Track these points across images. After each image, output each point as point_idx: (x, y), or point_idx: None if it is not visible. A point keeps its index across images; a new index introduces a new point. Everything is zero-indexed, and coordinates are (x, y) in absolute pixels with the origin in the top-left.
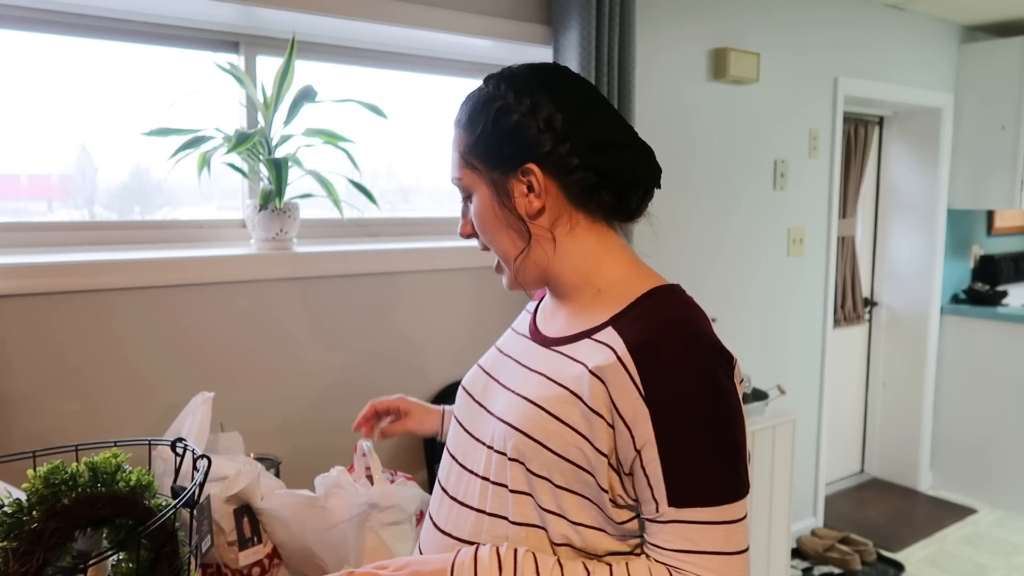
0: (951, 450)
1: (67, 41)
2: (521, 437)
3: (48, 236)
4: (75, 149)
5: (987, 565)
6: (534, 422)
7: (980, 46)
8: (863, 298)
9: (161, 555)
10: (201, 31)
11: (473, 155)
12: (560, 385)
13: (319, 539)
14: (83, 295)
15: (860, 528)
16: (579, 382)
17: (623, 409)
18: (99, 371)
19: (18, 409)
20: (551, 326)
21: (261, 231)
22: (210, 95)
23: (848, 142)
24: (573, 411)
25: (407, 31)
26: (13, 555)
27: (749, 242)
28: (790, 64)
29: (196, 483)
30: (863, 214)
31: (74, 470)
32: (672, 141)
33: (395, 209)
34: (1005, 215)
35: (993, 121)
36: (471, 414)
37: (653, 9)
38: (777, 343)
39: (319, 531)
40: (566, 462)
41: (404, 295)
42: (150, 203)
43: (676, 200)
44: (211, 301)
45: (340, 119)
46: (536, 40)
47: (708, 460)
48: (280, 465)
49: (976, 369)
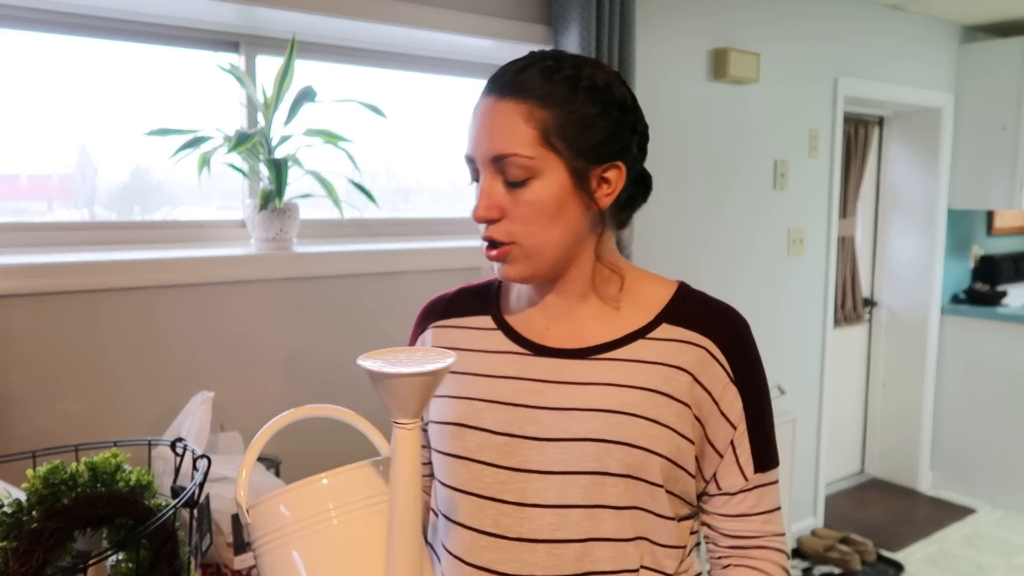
0: (951, 450)
1: (67, 41)
2: (626, 449)
3: (48, 236)
4: (75, 149)
5: (987, 565)
6: (633, 431)
7: (980, 46)
8: (863, 298)
9: (161, 555)
10: (201, 31)
11: (559, 136)
12: (640, 388)
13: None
14: (83, 295)
15: (860, 528)
16: (661, 380)
17: (717, 396)
18: (99, 371)
19: (18, 409)
20: (559, 337)
21: (261, 231)
22: (210, 95)
23: (848, 142)
24: (666, 411)
25: (407, 31)
26: (13, 555)
27: (749, 242)
28: (790, 64)
29: (196, 483)
30: (863, 214)
31: (74, 470)
32: (672, 141)
33: (395, 209)
34: (1005, 215)
35: (993, 121)
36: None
37: (653, 9)
38: (777, 343)
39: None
40: (671, 463)
41: (404, 295)
42: (150, 203)
43: (676, 200)
44: (211, 301)
45: (340, 119)
46: (536, 40)
47: (772, 428)
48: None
49: (976, 369)
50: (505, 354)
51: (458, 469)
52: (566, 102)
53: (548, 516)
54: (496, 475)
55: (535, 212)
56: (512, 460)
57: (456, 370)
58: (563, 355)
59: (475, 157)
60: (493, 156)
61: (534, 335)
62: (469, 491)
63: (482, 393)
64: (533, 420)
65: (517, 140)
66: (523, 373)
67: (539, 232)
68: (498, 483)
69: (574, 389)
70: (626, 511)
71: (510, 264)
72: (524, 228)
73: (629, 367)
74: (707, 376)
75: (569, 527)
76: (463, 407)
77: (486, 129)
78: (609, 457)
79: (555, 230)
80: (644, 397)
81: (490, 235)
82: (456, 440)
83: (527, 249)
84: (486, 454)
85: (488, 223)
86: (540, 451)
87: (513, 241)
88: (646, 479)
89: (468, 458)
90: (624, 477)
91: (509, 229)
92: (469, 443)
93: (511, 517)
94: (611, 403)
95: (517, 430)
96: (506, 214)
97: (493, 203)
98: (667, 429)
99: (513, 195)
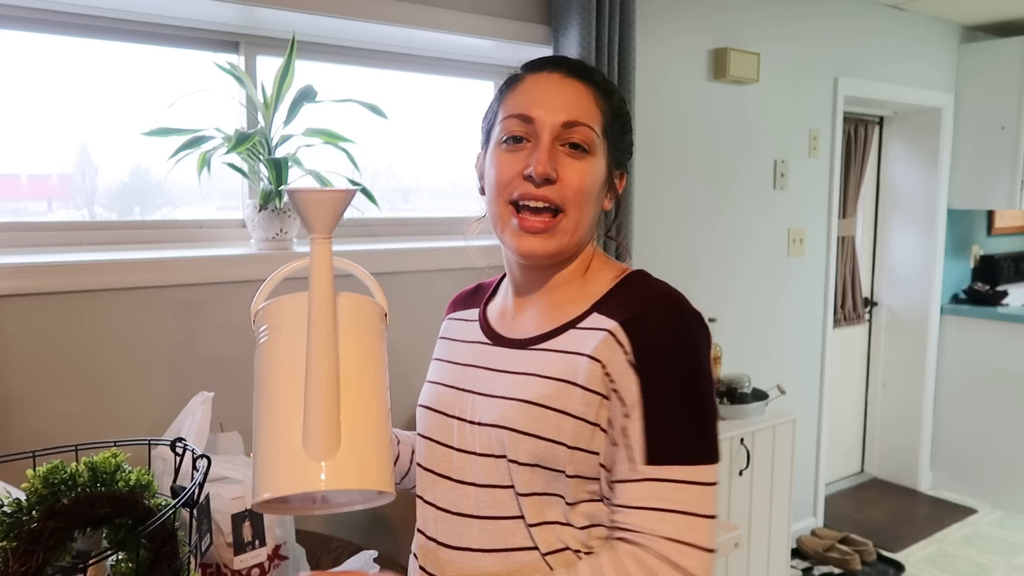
0: (951, 450)
1: (67, 41)
2: (531, 440)
3: (48, 236)
4: (75, 149)
5: (987, 565)
6: (540, 422)
7: (980, 46)
8: (863, 298)
9: (161, 555)
10: (201, 31)
11: (608, 129)
12: (555, 379)
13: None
14: (83, 295)
15: (860, 528)
16: (574, 370)
17: (616, 379)
18: (99, 371)
19: (18, 409)
20: (517, 328)
21: (261, 231)
22: (210, 95)
23: (848, 142)
24: (574, 400)
25: (407, 31)
26: (13, 555)
27: (749, 242)
28: (790, 64)
29: (196, 483)
30: (863, 214)
31: (73, 470)
32: (672, 141)
33: (395, 209)
34: (1005, 215)
35: (993, 121)
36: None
37: (653, 9)
38: (777, 343)
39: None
40: (579, 451)
41: (404, 295)
42: (150, 203)
43: (676, 200)
44: (211, 301)
45: (340, 119)
46: (536, 40)
47: (686, 421)
48: None
49: (976, 369)
50: (473, 344)
51: (421, 447)
52: (618, 105)
53: (479, 494)
54: (444, 454)
55: (588, 184)
56: (452, 440)
57: (439, 357)
58: (510, 345)
59: (539, 118)
60: (566, 121)
61: (501, 326)
62: (425, 467)
63: (444, 378)
64: (469, 404)
65: (588, 115)
66: (478, 361)
67: (584, 205)
68: (445, 461)
69: (505, 377)
70: (537, 497)
71: (552, 236)
72: (574, 197)
73: (552, 357)
74: (612, 361)
75: (495, 505)
76: (430, 390)
77: (561, 97)
78: (518, 446)
79: (590, 210)
80: (557, 388)
81: (544, 194)
82: (421, 420)
83: (571, 221)
84: (436, 433)
85: (546, 182)
86: (471, 433)
87: (562, 208)
88: (553, 467)
89: (426, 437)
90: (531, 466)
91: (563, 193)
92: (429, 423)
93: (453, 492)
94: (527, 393)
95: (457, 412)
96: (559, 180)
97: (554, 166)
98: (575, 419)
99: (569, 164)
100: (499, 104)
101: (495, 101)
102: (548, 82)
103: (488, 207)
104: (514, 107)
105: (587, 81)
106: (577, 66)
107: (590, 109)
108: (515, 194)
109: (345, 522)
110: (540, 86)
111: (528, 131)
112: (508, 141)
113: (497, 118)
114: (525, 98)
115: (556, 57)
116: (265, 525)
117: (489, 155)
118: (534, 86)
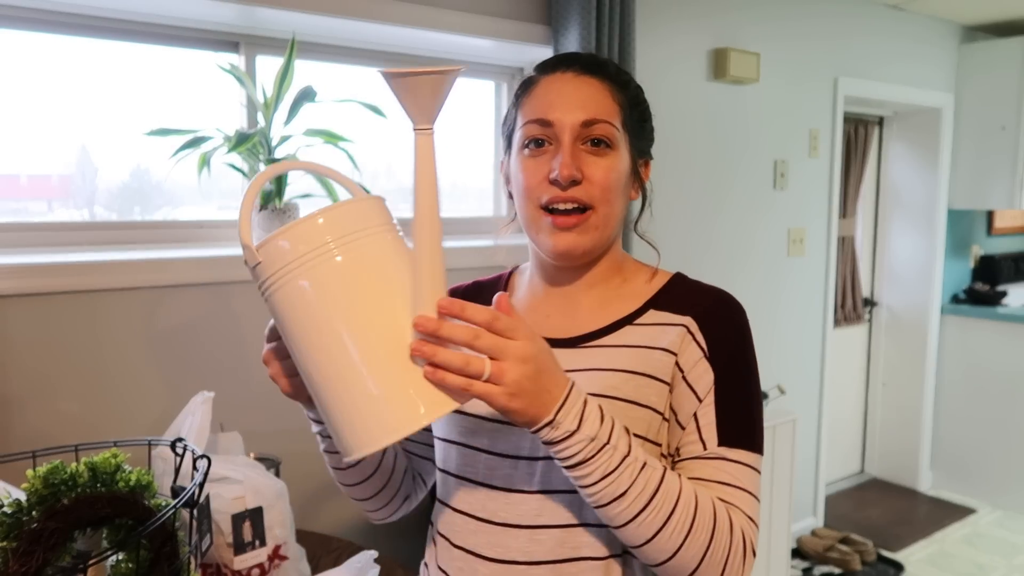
0: (951, 450)
1: (67, 41)
2: None
3: (48, 236)
4: (75, 149)
5: (987, 565)
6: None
7: (980, 46)
8: (863, 298)
9: (161, 555)
10: (201, 31)
11: (628, 120)
12: (622, 372)
13: None
14: (83, 295)
15: (860, 528)
16: (646, 362)
17: (688, 370)
18: (99, 371)
19: (18, 409)
20: (557, 327)
21: (261, 231)
22: (210, 95)
23: (848, 142)
24: (646, 391)
25: (407, 31)
26: (13, 555)
27: (749, 242)
28: (790, 64)
29: (196, 483)
30: (863, 214)
31: (74, 470)
32: (672, 141)
33: (395, 210)
34: (1005, 215)
35: (993, 121)
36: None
37: (653, 9)
38: (777, 343)
39: None
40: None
41: None
42: (150, 203)
43: (676, 200)
44: (211, 301)
45: (340, 119)
46: (536, 40)
47: (749, 411)
48: (280, 465)
49: (976, 369)
50: None
51: (452, 454)
52: (634, 94)
53: (531, 502)
54: (487, 461)
55: (614, 179)
56: (501, 446)
57: None
58: (556, 344)
59: (557, 120)
60: (584, 120)
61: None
62: (461, 475)
63: None
64: None
65: (606, 111)
66: None
67: (612, 200)
68: (487, 468)
69: None
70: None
71: (583, 233)
72: (602, 194)
73: (614, 352)
74: (685, 354)
75: (551, 513)
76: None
77: (576, 96)
78: None
79: (619, 204)
80: (625, 379)
81: (572, 195)
82: (450, 426)
83: (601, 217)
84: (477, 440)
85: (572, 184)
86: (519, 437)
87: (592, 206)
88: None
89: (461, 443)
90: None
91: (590, 192)
92: (463, 429)
93: (497, 502)
94: (594, 387)
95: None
96: (585, 179)
97: (578, 166)
98: (647, 409)
99: (592, 163)
100: (517, 110)
101: (512, 107)
102: (562, 82)
103: (520, 212)
104: (532, 112)
105: (601, 76)
106: (589, 61)
107: (607, 104)
108: (544, 199)
109: (345, 522)
110: (555, 87)
111: (548, 134)
112: (530, 146)
113: (517, 124)
114: (542, 101)
115: (568, 55)
116: (265, 525)
117: (513, 161)
118: (549, 88)
